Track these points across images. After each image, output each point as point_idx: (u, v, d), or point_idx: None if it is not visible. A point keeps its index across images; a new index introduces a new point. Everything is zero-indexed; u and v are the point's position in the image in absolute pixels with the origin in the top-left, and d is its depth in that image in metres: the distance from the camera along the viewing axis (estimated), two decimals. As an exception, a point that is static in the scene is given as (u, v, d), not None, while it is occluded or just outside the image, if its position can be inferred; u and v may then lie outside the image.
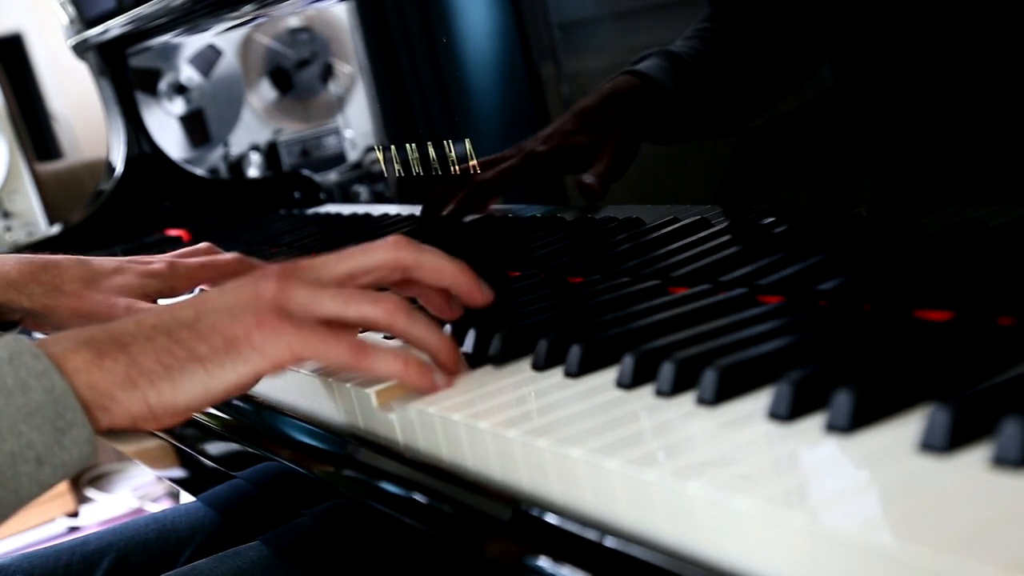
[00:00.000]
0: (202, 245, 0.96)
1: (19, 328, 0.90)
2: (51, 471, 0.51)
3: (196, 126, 1.43)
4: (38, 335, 0.95)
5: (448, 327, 0.65)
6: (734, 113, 0.68)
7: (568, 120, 0.78)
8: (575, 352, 0.55)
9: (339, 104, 1.14)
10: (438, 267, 0.60)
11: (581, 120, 0.77)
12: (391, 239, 0.61)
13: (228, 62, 1.31)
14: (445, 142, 0.91)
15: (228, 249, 1.04)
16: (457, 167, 0.90)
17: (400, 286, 0.62)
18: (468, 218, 0.92)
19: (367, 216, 1.11)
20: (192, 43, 1.35)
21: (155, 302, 0.88)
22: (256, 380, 0.56)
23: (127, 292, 0.86)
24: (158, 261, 0.90)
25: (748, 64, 0.66)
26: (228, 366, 0.54)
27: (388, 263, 0.59)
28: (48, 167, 2.52)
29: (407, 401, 0.57)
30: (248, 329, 0.54)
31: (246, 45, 1.27)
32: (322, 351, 0.55)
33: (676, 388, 0.49)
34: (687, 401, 0.48)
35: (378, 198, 1.10)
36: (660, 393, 0.49)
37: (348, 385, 0.62)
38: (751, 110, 0.66)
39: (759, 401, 0.45)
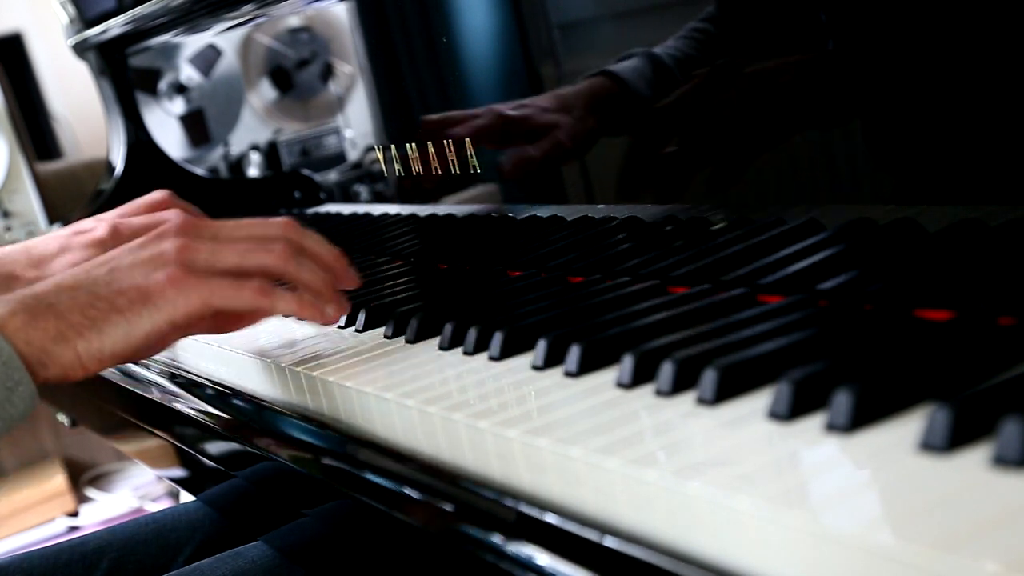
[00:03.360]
0: (156, 194, 0.97)
1: None
2: (1, 425, 0.58)
3: (196, 126, 1.43)
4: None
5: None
6: (721, 116, 0.68)
7: (543, 99, 0.83)
8: (575, 352, 0.55)
9: (339, 104, 1.14)
10: (319, 251, 0.69)
11: (555, 103, 0.82)
12: (282, 220, 0.69)
13: (228, 62, 1.31)
14: (445, 142, 0.91)
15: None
16: (457, 167, 0.90)
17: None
18: (468, 217, 0.92)
19: (367, 216, 1.11)
20: (192, 43, 1.35)
21: None
22: (172, 328, 0.63)
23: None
24: (101, 226, 0.92)
25: (744, 63, 0.66)
26: (145, 315, 0.62)
27: (280, 250, 0.66)
28: (48, 167, 2.51)
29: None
30: (161, 285, 0.62)
31: (246, 45, 1.27)
32: (231, 297, 0.63)
33: (676, 388, 0.49)
34: (687, 401, 0.48)
35: (378, 198, 1.10)
36: (660, 393, 0.49)
37: (349, 385, 0.62)
38: (748, 110, 0.66)
39: (759, 401, 0.45)
